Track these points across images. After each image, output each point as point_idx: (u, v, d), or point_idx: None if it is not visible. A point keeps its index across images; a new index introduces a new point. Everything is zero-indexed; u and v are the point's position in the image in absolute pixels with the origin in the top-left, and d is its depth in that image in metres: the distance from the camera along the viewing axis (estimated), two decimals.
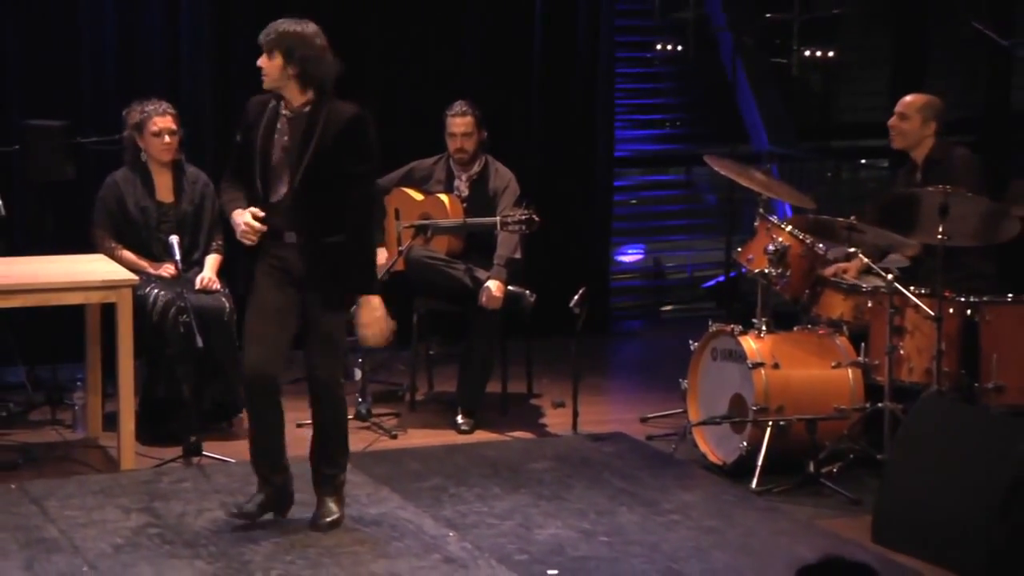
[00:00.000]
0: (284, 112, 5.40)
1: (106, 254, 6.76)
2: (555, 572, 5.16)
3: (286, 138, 5.39)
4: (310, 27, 5.44)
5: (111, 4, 7.90)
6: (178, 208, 6.91)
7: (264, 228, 5.37)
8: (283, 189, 5.39)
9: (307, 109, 5.38)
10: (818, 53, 9.78)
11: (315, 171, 5.33)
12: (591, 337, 7.74)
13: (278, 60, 5.37)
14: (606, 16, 9.00)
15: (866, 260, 6.38)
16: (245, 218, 5.38)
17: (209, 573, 5.09)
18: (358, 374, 7.12)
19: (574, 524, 5.66)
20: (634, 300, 9.81)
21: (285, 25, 5.43)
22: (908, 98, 6.76)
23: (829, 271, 6.58)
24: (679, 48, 9.47)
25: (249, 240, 5.39)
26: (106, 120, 7.43)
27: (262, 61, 5.40)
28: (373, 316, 5.48)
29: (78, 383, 6.82)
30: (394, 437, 6.84)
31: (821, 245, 6.46)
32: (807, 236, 6.45)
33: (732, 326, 6.40)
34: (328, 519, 5.50)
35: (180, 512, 5.68)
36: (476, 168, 7.25)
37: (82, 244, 6.86)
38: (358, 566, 5.17)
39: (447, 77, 8.41)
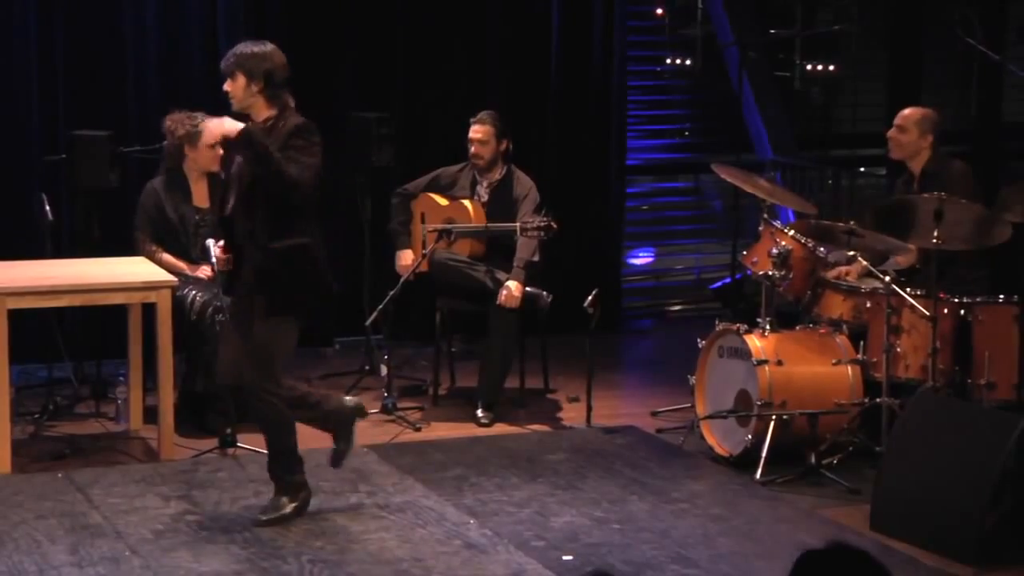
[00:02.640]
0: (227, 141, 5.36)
1: (147, 257, 6.75)
2: (570, 558, 5.14)
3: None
4: (268, 46, 5.36)
5: (154, 21, 7.91)
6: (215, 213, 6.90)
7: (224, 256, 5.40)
8: (232, 201, 5.36)
9: (268, 124, 5.31)
10: (819, 67, 9.76)
11: (258, 182, 5.25)
12: (604, 335, 7.72)
13: (241, 81, 5.31)
14: (619, 33, 8.97)
15: (865, 263, 6.34)
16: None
17: (243, 558, 5.08)
18: (384, 370, 7.10)
19: (588, 512, 5.63)
20: (644, 300, 9.78)
21: (242, 47, 5.36)
22: (906, 111, 6.72)
23: (831, 273, 6.54)
24: (688, 62, 9.45)
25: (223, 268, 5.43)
26: (148, 130, 7.42)
27: (226, 86, 5.33)
28: None
29: (121, 378, 6.82)
30: (418, 430, 6.82)
31: (822, 249, 6.43)
32: (809, 240, 6.41)
33: (738, 325, 6.37)
34: (265, 516, 5.42)
35: (216, 500, 5.67)
36: (498, 176, 7.23)
37: (125, 247, 6.86)
38: (384, 551, 5.16)
39: (471, 90, 8.40)
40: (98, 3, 7.84)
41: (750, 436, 6.13)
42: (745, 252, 6.67)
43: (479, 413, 6.95)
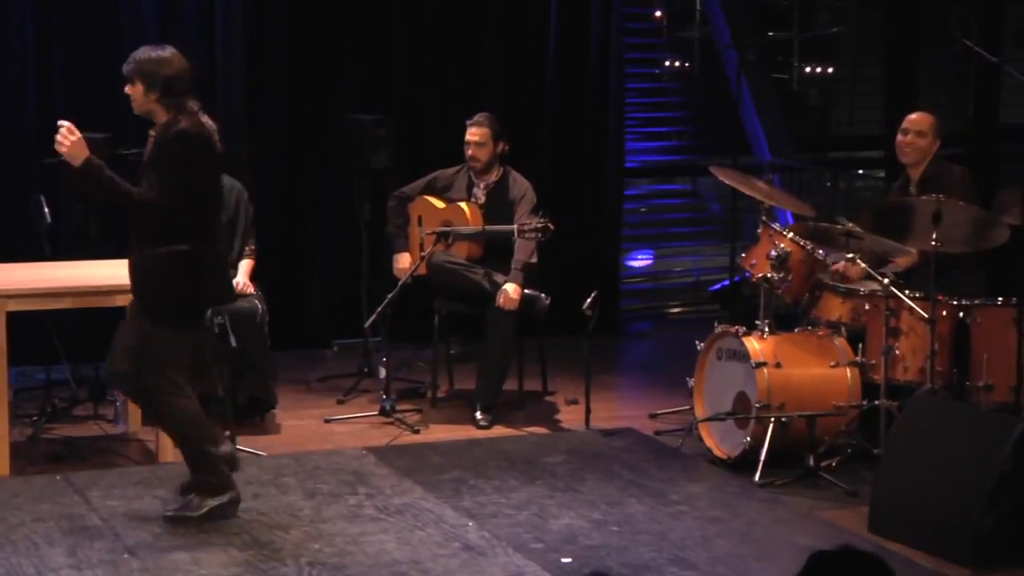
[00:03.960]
0: (151, 133, 5.37)
1: None
2: (569, 560, 5.14)
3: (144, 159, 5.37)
4: (167, 52, 5.37)
5: (152, 22, 7.91)
6: None
7: None
8: None
9: (158, 129, 5.33)
10: (817, 69, 9.77)
11: (145, 186, 5.28)
12: (602, 338, 7.72)
13: (140, 87, 5.33)
14: (616, 35, 8.98)
15: (864, 265, 6.35)
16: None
17: (241, 560, 5.08)
18: (382, 372, 7.11)
19: (586, 514, 5.64)
20: (643, 303, 9.78)
21: (142, 53, 5.37)
22: (916, 116, 6.65)
23: (835, 268, 6.52)
24: (686, 64, 9.45)
25: None
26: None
27: (127, 90, 5.36)
28: None
29: None
30: (416, 432, 6.82)
31: (821, 251, 6.43)
32: (807, 242, 6.42)
33: (736, 327, 6.37)
34: (171, 511, 5.45)
35: None
36: (494, 177, 7.24)
37: (123, 249, 6.84)
38: (383, 554, 5.16)
39: (468, 92, 8.41)
40: (96, 5, 7.85)
41: (748, 438, 6.14)
42: (744, 254, 6.68)
43: (478, 415, 6.96)
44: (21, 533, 5.28)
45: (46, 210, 6.92)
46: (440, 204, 7.27)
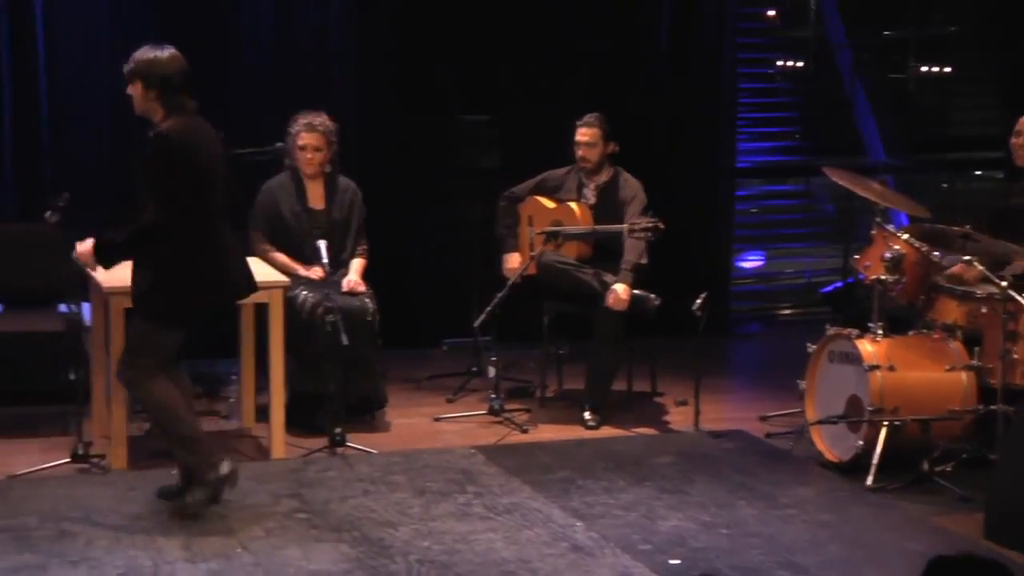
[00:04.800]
0: (150, 134, 5.40)
1: (260, 256, 6.84)
2: (677, 562, 5.12)
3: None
4: (166, 52, 5.40)
5: (266, 23, 8.03)
6: (328, 215, 6.98)
7: None
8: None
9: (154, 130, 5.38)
10: (934, 69, 9.61)
11: (139, 186, 5.37)
12: (712, 339, 7.69)
13: (139, 87, 5.37)
14: (729, 34, 8.93)
15: (981, 268, 6.24)
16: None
17: (352, 556, 5.13)
18: (492, 372, 7.14)
19: (695, 516, 5.61)
20: (753, 304, 9.72)
21: (141, 53, 5.40)
22: None
23: (952, 271, 6.42)
24: (799, 64, 9.36)
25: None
26: (259, 132, 7.52)
27: (128, 89, 5.40)
28: None
29: (233, 377, 6.92)
30: (525, 431, 6.84)
31: (936, 253, 6.34)
32: (922, 244, 6.33)
33: (849, 330, 6.30)
34: (171, 502, 5.54)
35: (326, 499, 5.73)
36: (604, 178, 7.24)
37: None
38: (491, 552, 5.18)
39: (577, 92, 8.40)
40: (212, 11, 7.98)
41: (861, 442, 6.07)
42: (857, 256, 6.60)
43: (586, 415, 6.96)
44: (138, 526, 5.38)
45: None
46: (550, 204, 7.28)
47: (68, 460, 6.05)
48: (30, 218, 6.79)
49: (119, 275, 5.55)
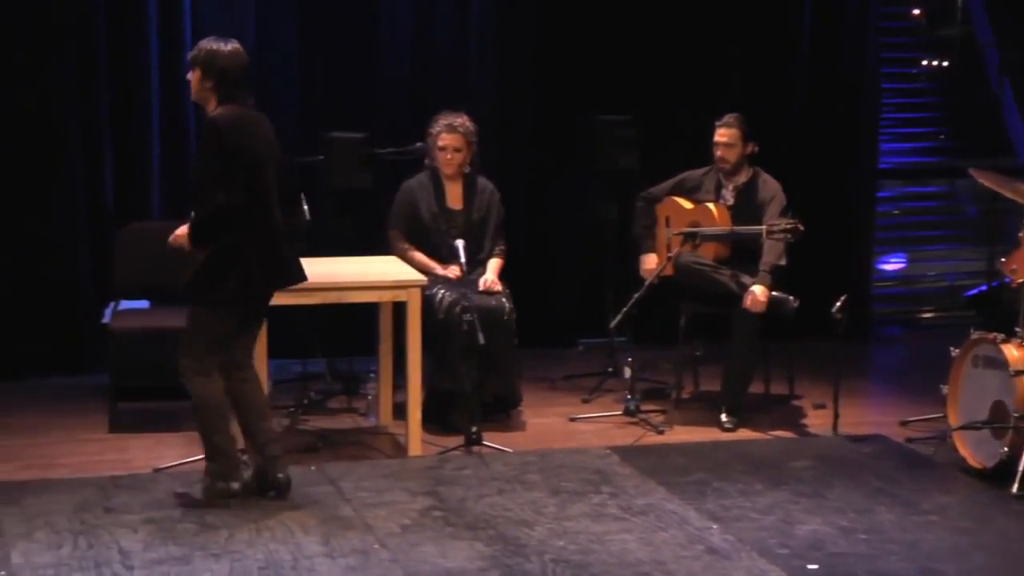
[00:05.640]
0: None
1: (398, 255, 6.91)
2: (815, 567, 5.07)
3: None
4: (229, 45, 5.48)
5: (407, 30, 8.12)
6: (467, 215, 7.02)
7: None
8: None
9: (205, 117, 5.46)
10: None
11: (194, 177, 5.46)
12: (852, 342, 7.58)
13: (197, 74, 5.46)
14: (872, 33, 8.80)
15: None
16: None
17: (487, 554, 5.16)
18: (627, 372, 7.13)
19: (833, 521, 5.54)
20: (895, 307, 9.57)
21: (205, 43, 5.50)
22: None
23: None
24: (944, 64, 9.19)
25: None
26: (399, 132, 7.61)
27: (188, 75, 5.51)
28: None
29: (371, 375, 7.00)
30: (661, 432, 6.82)
31: None
32: None
33: (994, 334, 6.17)
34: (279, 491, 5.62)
35: (461, 497, 5.77)
36: (743, 179, 7.18)
37: (376, 247, 7.05)
38: (626, 553, 5.17)
39: (716, 92, 8.35)
40: (355, 12, 8.08)
41: (1006, 448, 5.94)
42: (1003, 259, 6.47)
43: (722, 417, 6.91)
44: (278, 520, 5.46)
45: (305, 207, 7.13)
46: (688, 205, 7.24)
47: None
48: (177, 217, 6.93)
49: None
